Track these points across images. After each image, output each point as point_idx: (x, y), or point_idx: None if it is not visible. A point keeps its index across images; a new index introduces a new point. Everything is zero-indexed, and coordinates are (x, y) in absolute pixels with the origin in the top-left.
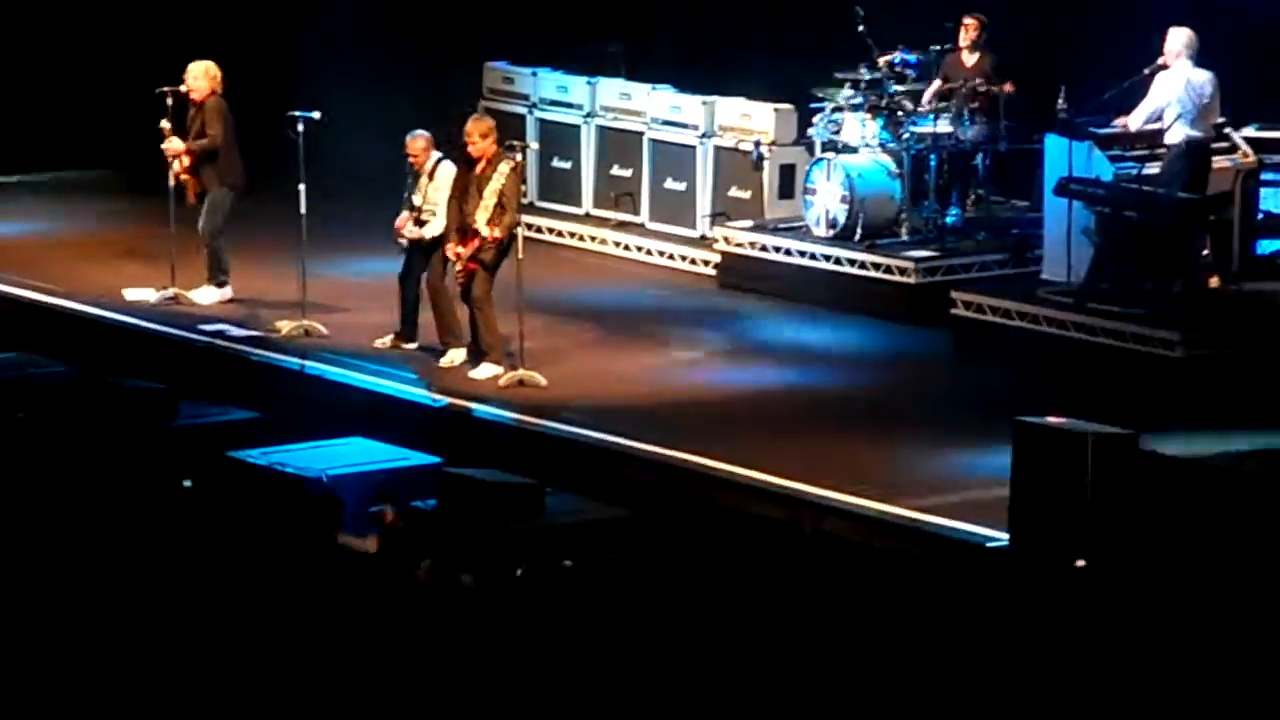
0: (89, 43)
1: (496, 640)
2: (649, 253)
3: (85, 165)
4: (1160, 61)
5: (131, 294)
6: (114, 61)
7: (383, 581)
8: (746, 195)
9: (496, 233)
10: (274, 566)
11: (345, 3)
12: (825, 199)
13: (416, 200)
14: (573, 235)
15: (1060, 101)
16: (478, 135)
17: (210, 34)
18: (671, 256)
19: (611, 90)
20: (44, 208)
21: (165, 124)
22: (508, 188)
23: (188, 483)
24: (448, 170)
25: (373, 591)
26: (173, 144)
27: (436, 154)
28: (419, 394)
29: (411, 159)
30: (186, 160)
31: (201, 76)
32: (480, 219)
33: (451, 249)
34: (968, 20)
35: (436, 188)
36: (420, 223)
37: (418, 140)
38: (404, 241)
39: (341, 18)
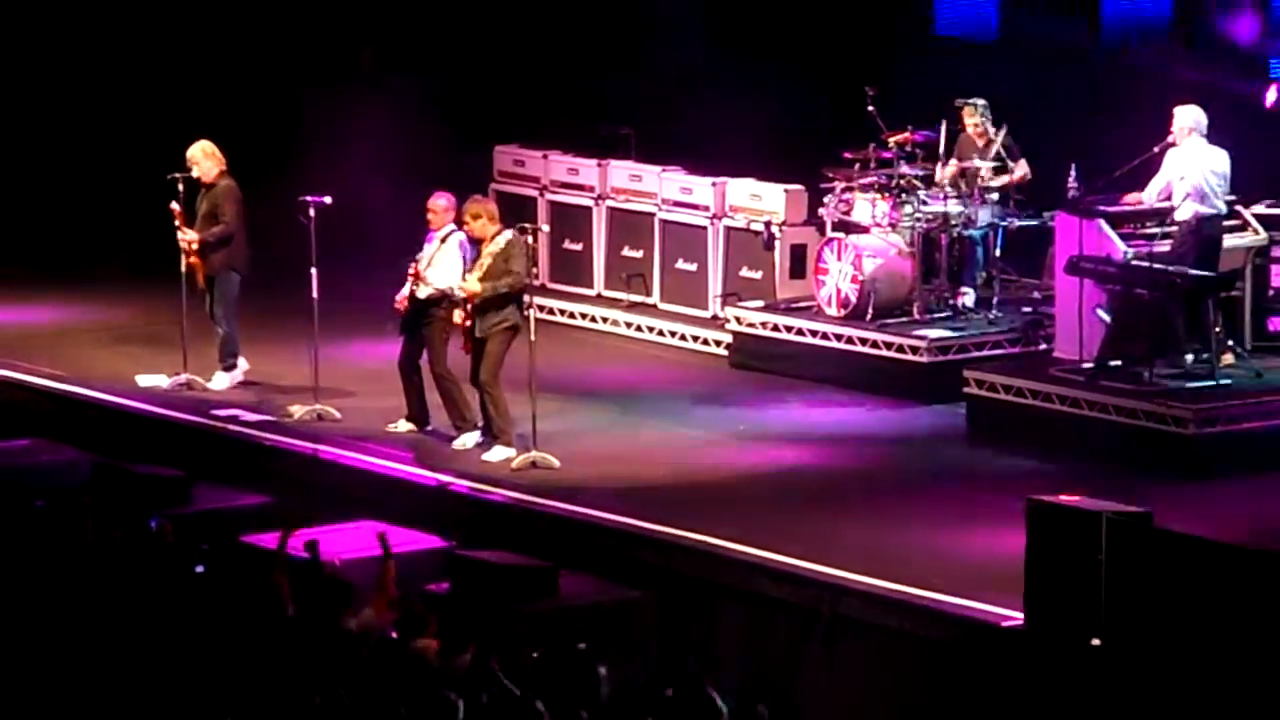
0: (96, 130)
1: None
2: (661, 333)
3: (96, 252)
4: (1170, 139)
5: (144, 380)
6: (122, 147)
7: (392, 662)
8: (758, 275)
9: (475, 287)
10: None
11: (356, 87)
12: (837, 279)
13: (422, 266)
14: (584, 316)
15: (1071, 180)
16: (469, 217)
17: (219, 119)
18: (683, 337)
19: (622, 172)
20: (55, 295)
21: (175, 206)
22: (508, 249)
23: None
24: (458, 241)
25: (382, 672)
26: (185, 234)
27: (453, 224)
28: (431, 477)
29: (430, 215)
30: (196, 245)
31: (204, 158)
32: (471, 278)
33: (460, 317)
34: (963, 110)
35: (443, 254)
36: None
37: (439, 199)
38: (400, 309)
39: (353, 101)
